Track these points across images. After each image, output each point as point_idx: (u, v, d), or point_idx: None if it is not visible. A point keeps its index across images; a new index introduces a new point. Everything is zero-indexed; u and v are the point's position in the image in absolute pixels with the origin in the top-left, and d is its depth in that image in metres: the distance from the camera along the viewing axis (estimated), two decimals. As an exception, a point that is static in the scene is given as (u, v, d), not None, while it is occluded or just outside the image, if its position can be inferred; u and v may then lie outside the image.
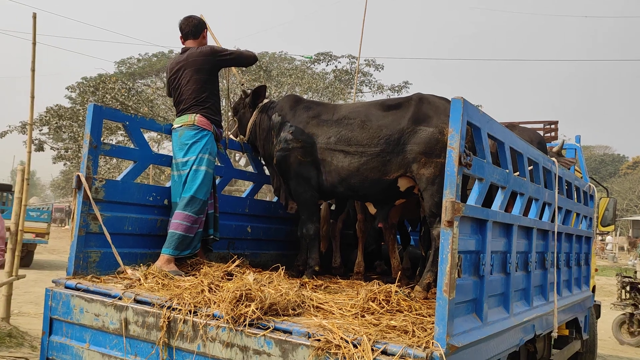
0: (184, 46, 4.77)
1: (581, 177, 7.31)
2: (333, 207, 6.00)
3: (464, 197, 3.96)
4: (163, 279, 3.81)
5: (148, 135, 23.21)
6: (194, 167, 4.40)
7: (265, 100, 5.27)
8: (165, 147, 27.57)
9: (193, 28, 4.76)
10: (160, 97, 25.35)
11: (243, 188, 23.37)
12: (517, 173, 3.91)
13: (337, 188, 4.67)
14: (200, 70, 4.56)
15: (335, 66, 27.37)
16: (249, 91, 5.30)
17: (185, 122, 4.50)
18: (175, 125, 4.57)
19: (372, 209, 5.00)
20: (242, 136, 5.26)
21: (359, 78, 27.10)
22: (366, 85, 27.72)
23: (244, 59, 4.85)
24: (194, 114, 4.51)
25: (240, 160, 26.92)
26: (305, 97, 24.91)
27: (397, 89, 27.60)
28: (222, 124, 4.88)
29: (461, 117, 2.77)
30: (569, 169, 5.98)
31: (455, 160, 2.73)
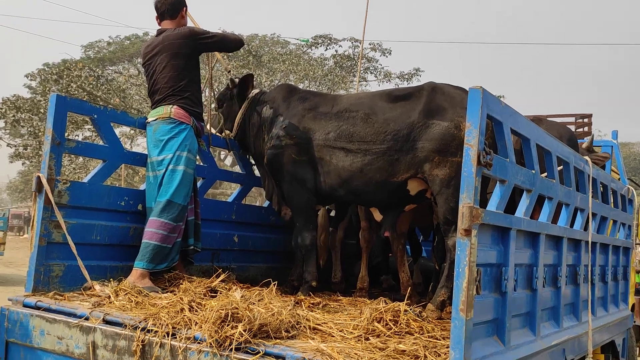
0: (159, 27, 4.78)
1: (619, 179, 7.32)
2: (333, 214, 6.00)
3: (483, 202, 3.97)
4: (136, 296, 3.81)
5: (119, 130, 23.21)
6: (170, 166, 4.40)
7: (255, 91, 5.27)
8: (140, 144, 27.60)
9: (170, 6, 4.77)
10: (133, 87, 25.37)
11: (229, 191, 23.36)
12: (545, 174, 3.91)
13: (337, 191, 4.68)
14: (177, 55, 4.56)
15: (336, 51, 27.39)
16: (237, 80, 5.31)
17: (161, 115, 4.50)
18: (149, 119, 4.57)
19: (377, 216, 5.00)
20: (228, 131, 5.27)
21: (363, 64, 27.14)
22: (371, 73, 27.76)
23: (229, 43, 4.86)
24: (170, 106, 4.51)
25: (226, 160, 26.94)
26: (300, 86, 24.94)
27: (407, 77, 27.63)
28: (204, 117, 4.89)
29: (480, 109, 2.77)
30: (603, 166, 5.99)
31: (473, 159, 2.73)
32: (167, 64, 4.56)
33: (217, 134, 5.29)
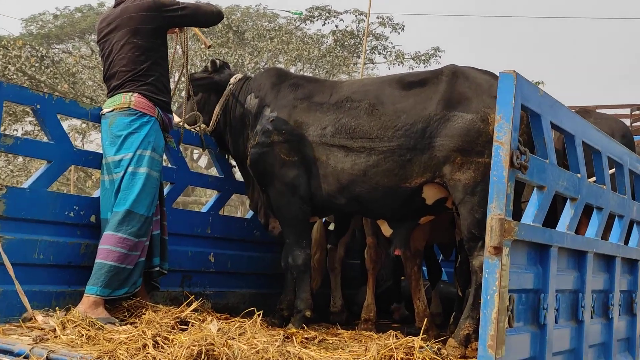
0: None
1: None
2: (332, 227, 6.01)
3: (517, 214, 3.97)
4: (88, 329, 3.80)
5: (68, 124, 23.20)
6: (130, 168, 4.40)
7: (239, 76, 5.29)
8: (94, 141, 27.53)
9: None
10: (86, 69, 25.34)
11: (204, 199, 23.36)
12: (593, 179, 3.92)
13: (335, 199, 4.69)
14: (138, 31, 4.57)
15: (336, 26, 27.36)
16: (219, 61, 5.32)
17: (118, 105, 4.50)
18: (105, 110, 4.58)
19: (386, 230, 5.00)
20: (203, 125, 5.27)
21: (370, 42, 27.16)
22: (379, 53, 27.75)
23: (203, 17, 4.86)
24: (130, 93, 4.51)
25: (200, 160, 26.92)
26: (292, 69, 24.96)
27: (423, 58, 27.62)
28: (174, 108, 4.89)
29: (513, 98, 2.78)
30: None
31: (504, 161, 2.74)
32: (127, 42, 4.56)
33: (190, 128, 5.29)
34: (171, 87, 4.91)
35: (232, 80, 5.26)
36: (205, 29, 22.46)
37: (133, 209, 4.35)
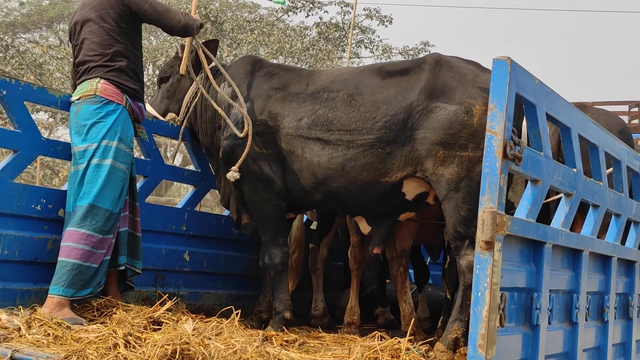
0: None
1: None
2: (314, 226, 6.01)
3: (508, 208, 4.00)
4: (55, 329, 3.79)
5: (34, 118, 23.08)
6: (94, 160, 4.39)
7: (212, 63, 5.29)
8: (61, 137, 27.40)
9: None
10: (54, 60, 25.19)
11: (177, 200, 23.28)
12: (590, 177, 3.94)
13: (311, 195, 4.71)
14: (108, 15, 4.59)
15: (320, 18, 27.33)
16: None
17: (85, 93, 4.50)
18: (73, 97, 4.57)
19: (364, 227, 5.00)
20: (174, 115, 5.27)
21: (356, 36, 27.17)
22: (366, 47, 27.74)
23: (168, 21, 4.77)
24: (97, 79, 4.51)
25: (176, 159, 26.82)
26: (274, 62, 24.89)
27: (412, 52, 27.66)
28: (145, 97, 4.87)
29: (507, 87, 2.78)
30: None
31: (497, 151, 2.75)
32: (97, 26, 4.57)
33: (160, 117, 5.28)
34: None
35: (206, 67, 5.26)
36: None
37: (97, 203, 4.33)
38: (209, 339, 3.39)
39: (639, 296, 4.72)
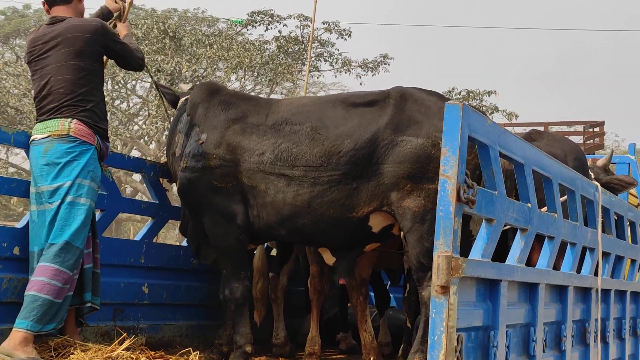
0: (52, 16, 4.73)
1: (638, 206, 7.49)
2: (274, 253, 6.00)
3: (465, 247, 4.02)
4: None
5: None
6: (68, 198, 4.37)
7: (186, 88, 5.33)
8: (19, 153, 27.02)
9: None
10: (10, 77, 24.91)
11: (139, 217, 23.10)
12: (545, 209, 3.99)
13: (276, 230, 4.71)
14: (82, 53, 4.57)
15: (279, 31, 27.34)
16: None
17: (55, 132, 4.46)
18: (37, 135, 4.51)
19: (329, 259, 5.00)
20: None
21: (315, 49, 27.22)
22: (325, 60, 27.82)
23: (133, 61, 4.91)
24: (69, 119, 4.48)
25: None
26: (233, 77, 24.88)
27: (371, 66, 27.80)
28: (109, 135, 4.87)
29: (459, 131, 2.82)
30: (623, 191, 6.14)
31: (451, 195, 2.78)
32: (67, 62, 4.54)
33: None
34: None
35: (182, 99, 5.32)
36: (141, 35, 22.32)
37: (72, 241, 4.34)
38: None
39: (596, 321, 4.78)
